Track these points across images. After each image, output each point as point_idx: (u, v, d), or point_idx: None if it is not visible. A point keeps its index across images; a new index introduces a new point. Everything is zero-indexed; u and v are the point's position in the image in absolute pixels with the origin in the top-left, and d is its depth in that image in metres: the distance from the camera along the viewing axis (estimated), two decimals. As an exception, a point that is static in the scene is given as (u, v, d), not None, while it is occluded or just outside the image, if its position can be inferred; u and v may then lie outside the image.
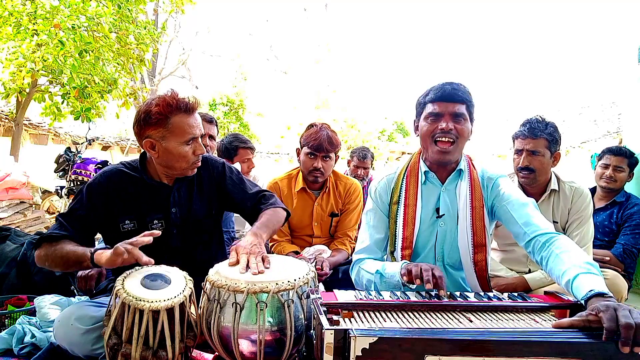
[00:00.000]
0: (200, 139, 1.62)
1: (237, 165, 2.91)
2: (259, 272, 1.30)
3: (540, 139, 2.02)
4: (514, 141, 2.16)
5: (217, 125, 2.82)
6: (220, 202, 1.78)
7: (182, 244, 1.69)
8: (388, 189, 1.73)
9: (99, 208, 1.60)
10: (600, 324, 0.97)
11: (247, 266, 1.34)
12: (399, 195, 1.68)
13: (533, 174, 2.06)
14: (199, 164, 1.65)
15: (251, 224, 1.83)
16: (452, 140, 1.56)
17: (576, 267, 1.22)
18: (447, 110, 1.56)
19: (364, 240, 1.73)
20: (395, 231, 1.66)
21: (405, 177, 1.71)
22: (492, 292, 1.36)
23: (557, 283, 1.30)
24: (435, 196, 1.67)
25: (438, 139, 1.57)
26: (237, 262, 1.36)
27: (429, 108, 1.60)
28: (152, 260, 1.36)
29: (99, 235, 1.80)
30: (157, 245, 1.63)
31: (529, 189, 2.10)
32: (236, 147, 3.05)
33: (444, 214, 1.64)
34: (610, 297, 1.08)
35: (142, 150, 1.70)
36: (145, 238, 1.36)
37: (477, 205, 1.61)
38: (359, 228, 2.57)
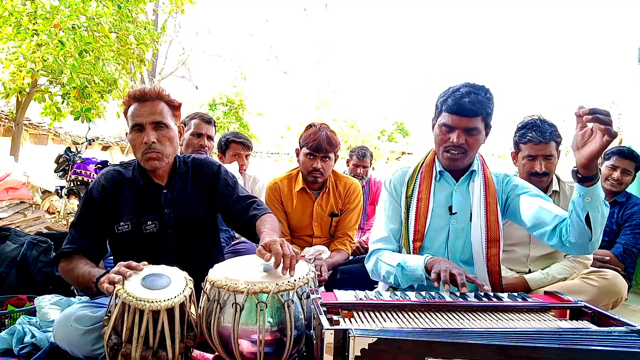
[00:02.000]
0: (154, 129, 1.57)
1: (234, 165, 2.90)
2: (290, 275, 1.27)
3: (551, 142, 2.02)
4: (518, 145, 2.11)
5: (215, 126, 2.82)
6: (214, 203, 1.77)
7: (179, 244, 1.68)
8: (402, 182, 1.77)
9: (101, 210, 1.62)
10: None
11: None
12: (413, 189, 1.73)
13: (547, 177, 2.06)
14: (153, 155, 1.59)
15: (238, 230, 1.82)
16: (462, 151, 1.59)
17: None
18: (460, 124, 1.56)
19: (379, 230, 1.77)
20: (408, 222, 1.70)
21: (420, 173, 1.75)
22: (500, 288, 1.37)
23: (571, 221, 1.37)
24: (447, 194, 1.71)
25: (448, 150, 1.60)
26: (270, 257, 1.30)
27: (444, 117, 1.60)
28: (145, 263, 1.36)
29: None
30: (154, 245, 1.64)
31: (531, 190, 2.10)
32: (228, 140, 3.05)
33: (456, 212, 1.68)
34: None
35: None
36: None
37: (490, 201, 1.65)
38: (359, 228, 2.59)
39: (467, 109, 1.53)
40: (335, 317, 1.06)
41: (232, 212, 1.74)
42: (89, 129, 5.88)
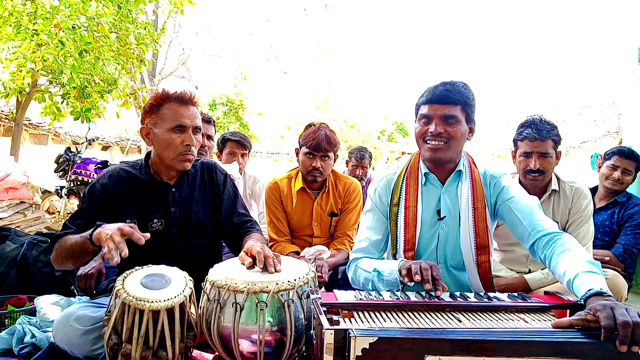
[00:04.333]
0: (192, 132, 1.63)
1: (234, 165, 2.90)
2: (275, 271, 1.32)
3: (548, 141, 2.01)
4: (516, 142, 2.13)
5: (214, 126, 2.83)
6: (217, 208, 1.79)
7: (182, 243, 1.70)
8: (388, 190, 1.72)
9: (102, 208, 1.63)
10: (599, 324, 0.98)
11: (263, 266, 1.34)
12: (399, 197, 1.67)
13: (542, 175, 2.05)
14: (190, 157, 1.65)
15: (228, 244, 1.85)
16: (442, 141, 1.55)
17: (577, 266, 1.23)
18: (436, 113, 1.55)
19: (361, 240, 1.73)
20: (397, 233, 1.65)
21: (405, 178, 1.70)
22: (493, 292, 1.36)
23: (560, 282, 1.30)
24: (435, 198, 1.66)
25: (428, 141, 1.57)
26: (252, 263, 1.37)
27: (422, 110, 1.60)
28: (147, 235, 1.36)
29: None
30: (157, 244, 1.64)
31: (530, 189, 2.09)
32: (224, 138, 3.07)
33: (445, 216, 1.64)
34: (610, 296, 1.08)
35: (148, 150, 1.75)
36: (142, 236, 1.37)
37: (479, 206, 1.60)
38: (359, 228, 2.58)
39: (442, 95, 1.54)
40: (335, 317, 1.06)
41: (227, 222, 1.77)
42: (89, 129, 5.90)
